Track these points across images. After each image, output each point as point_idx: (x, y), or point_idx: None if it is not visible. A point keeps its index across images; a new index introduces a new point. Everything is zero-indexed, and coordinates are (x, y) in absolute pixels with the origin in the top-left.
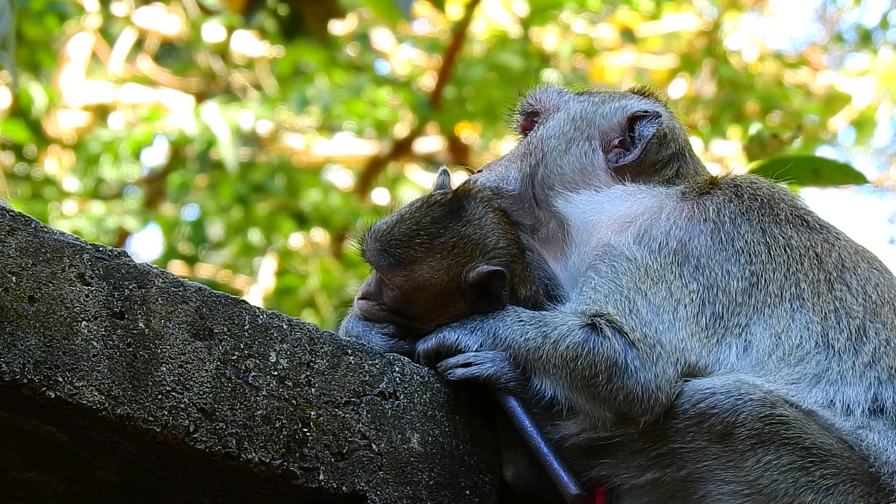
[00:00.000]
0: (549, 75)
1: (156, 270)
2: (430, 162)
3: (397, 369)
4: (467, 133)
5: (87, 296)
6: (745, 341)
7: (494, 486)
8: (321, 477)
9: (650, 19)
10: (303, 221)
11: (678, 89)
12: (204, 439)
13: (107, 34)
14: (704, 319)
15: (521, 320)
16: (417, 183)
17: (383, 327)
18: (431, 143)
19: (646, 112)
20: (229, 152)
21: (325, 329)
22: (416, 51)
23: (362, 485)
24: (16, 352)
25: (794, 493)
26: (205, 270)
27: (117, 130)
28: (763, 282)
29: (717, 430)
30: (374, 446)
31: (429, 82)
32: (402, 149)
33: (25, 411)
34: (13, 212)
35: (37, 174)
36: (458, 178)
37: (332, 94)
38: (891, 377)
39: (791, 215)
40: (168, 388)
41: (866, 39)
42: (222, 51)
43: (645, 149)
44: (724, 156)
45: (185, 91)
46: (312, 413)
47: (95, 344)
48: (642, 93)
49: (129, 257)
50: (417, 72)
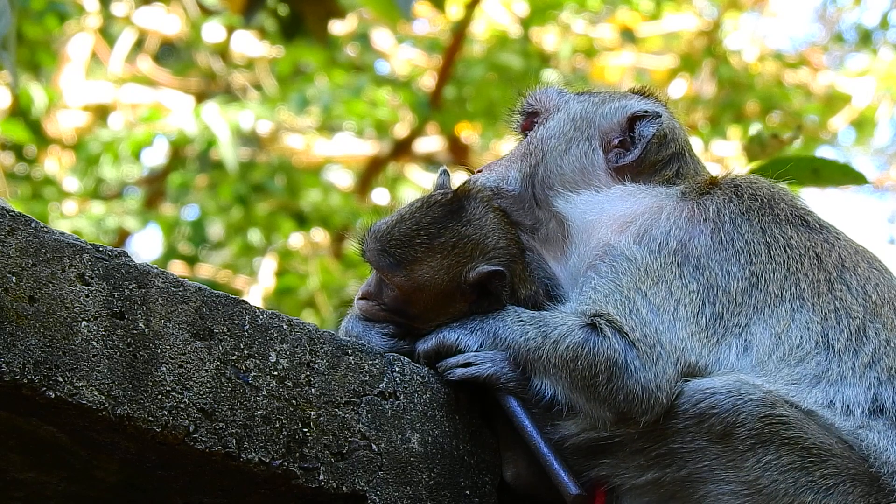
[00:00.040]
0: (549, 75)
1: (156, 270)
2: (430, 162)
3: (397, 369)
4: (467, 133)
5: (87, 296)
6: (745, 341)
7: (494, 486)
8: (321, 477)
9: (650, 19)
10: (303, 221)
11: (678, 89)
12: (204, 439)
13: (107, 34)
14: (704, 319)
15: (521, 320)
16: (417, 183)
17: (383, 327)
18: (431, 143)
19: (646, 112)
20: (229, 152)
21: (325, 329)
22: (416, 51)
23: (362, 485)
24: (16, 352)
25: (794, 493)
26: (205, 270)
27: (117, 130)
28: (763, 282)
29: (717, 430)
30: (374, 446)
31: (429, 82)
32: (402, 149)
33: (25, 411)
34: (13, 212)
35: (37, 174)
36: (458, 178)
37: (332, 94)
38: (891, 377)
39: (791, 215)
40: (168, 388)
41: (866, 39)
42: (222, 51)
43: (645, 149)
44: (724, 156)
45: (185, 91)
46: (312, 413)
47: (95, 344)
48: (642, 93)
49: (129, 257)
50: (417, 72)
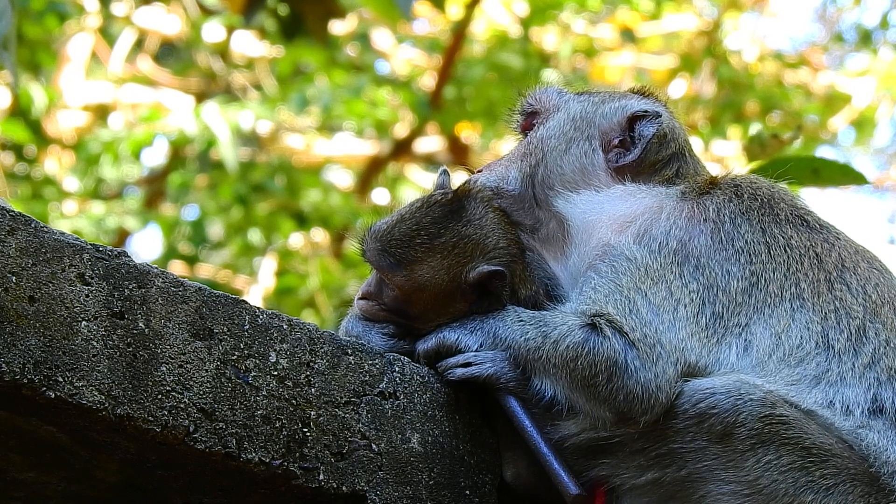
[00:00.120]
0: (549, 75)
1: (156, 270)
2: (430, 162)
3: (397, 369)
4: (467, 133)
5: (87, 296)
6: (745, 341)
7: (494, 486)
8: (321, 477)
9: (650, 19)
10: (303, 221)
11: (678, 89)
12: (204, 439)
13: (107, 34)
14: (704, 319)
15: (521, 320)
16: (417, 183)
17: (383, 327)
18: (431, 143)
19: (646, 112)
20: (229, 152)
21: (325, 329)
22: (416, 51)
23: (362, 485)
24: (16, 352)
25: (794, 493)
26: (205, 270)
27: (117, 130)
28: (763, 281)
29: (717, 430)
30: (374, 446)
31: (429, 82)
32: (402, 149)
33: (25, 411)
34: (13, 212)
35: (37, 174)
36: (458, 178)
37: (332, 94)
38: (890, 378)
39: (791, 215)
40: (168, 388)
41: (866, 39)
42: (222, 51)
43: (645, 149)
44: (724, 156)
45: (185, 91)
46: (312, 413)
47: (95, 344)
48: (642, 93)
49: (129, 257)
50: (417, 72)
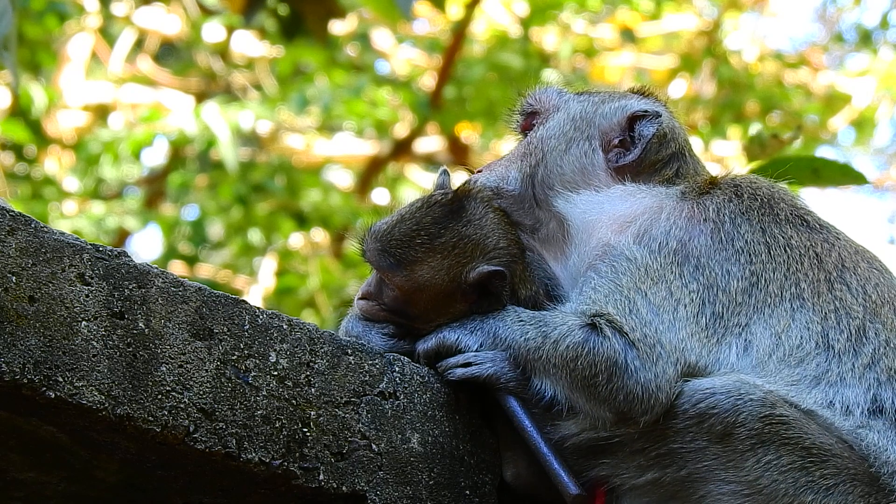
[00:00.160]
0: (549, 75)
1: (156, 270)
2: (430, 162)
3: (397, 369)
4: (467, 133)
5: (87, 296)
6: (746, 341)
7: (494, 486)
8: (321, 477)
9: (650, 19)
10: (303, 221)
11: (678, 89)
12: (204, 439)
13: (107, 34)
14: (704, 319)
15: (521, 320)
16: (417, 183)
17: (383, 327)
18: (431, 143)
19: (646, 112)
20: (229, 152)
21: (325, 329)
22: (416, 51)
23: (362, 485)
24: (16, 352)
25: (794, 493)
26: (205, 270)
27: (117, 130)
28: (763, 281)
29: (717, 430)
30: (374, 446)
31: (429, 82)
32: (402, 149)
33: (25, 411)
34: (13, 212)
35: (37, 174)
36: (458, 178)
37: (332, 94)
38: (890, 378)
39: (791, 215)
40: (168, 388)
41: (866, 39)
42: (222, 51)
43: (645, 148)
44: (724, 156)
45: (185, 91)
46: (312, 413)
47: (95, 344)
48: (642, 92)
49: (129, 257)
50: (417, 72)
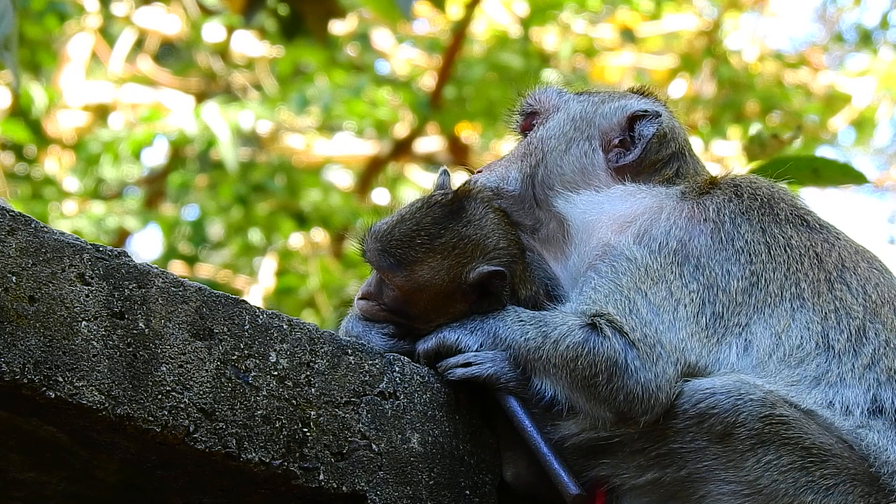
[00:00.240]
0: (549, 75)
1: (156, 270)
2: (430, 162)
3: (397, 369)
4: (467, 133)
5: (87, 296)
6: (746, 341)
7: (494, 486)
8: (321, 477)
9: (650, 19)
10: (303, 221)
11: (678, 89)
12: (204, 439)
13: (107, 34)
14: (704, 319)
15: (522, 320)
16: (417, 183)
17: (383, 327)
18: (431, 143)
19: (646, 112)
20: (229, 152)
21: (325, 329)
22: (416, 51)
23: (362, 485)
24: (16, 352)
25: (794, 494)
26: (205, 270)
27: (117, 130)
28: (763, 281)
29: (717, 430)
30: (374, 446)
31: (429, 82)
32: (402, 149)
33: (25, 411)
34: (13, 212)
35: (37, 174)
36: (458, 178)
37: (332, 94)
38: (890, 378)
39: (791, 215)
40: (168, 388)
41: (866, 39)
42: (222, 51)
43: (645, 148)
44: (724, 156)
45: (185, 91)
46: (312, 413)
47: (95, 344)
48: (642, 92)
49: (129, 257)
50: (417, 72)
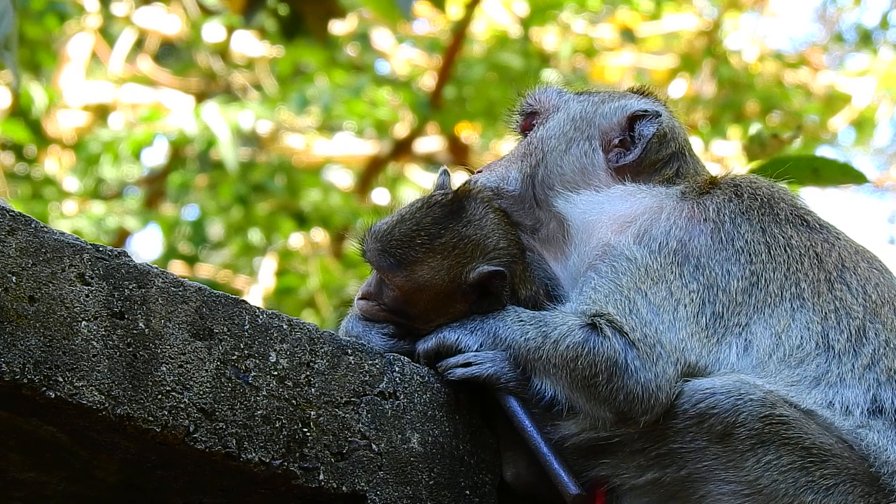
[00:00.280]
0: (549, 75)
1: (156, 270)
2: (430, 162)
3: (397, 369)
4: (467, 133)
5: (87, 296)
6: (746, 341)
7: (494, 486)
8: (321, 477)
9: (650, 19)
10: (303, 221)
11: (678, 89)
12: (204, 439)
13: (107, 34)
14: (704, 319)
15: (522, 320)
16: (417, 183)
17: (383, 327)
18: (431, 143)
19: (646, 111)
20: (229, 152)
21: (325, 329)
22: (416, 51)
23: (362, 485)
24: (16, 352)
25: (794, 494)
26: (205, 270)
27: (117, 130)
28: (763, 281)
29: (717, 430)
30: (374, 446)
31: (429, 82)
32: (402, 149)
33: (25, 411)
34: (13, 212)
35: (37, 174)
36: (458, 178)
37: (332, 94)
38: (890, 379)
39: (791, 215)
40: (168, 388)
41: (866, 39)
42: (222, 51)
43: (645, 148)
44: (724, 156)
45: (185, 91)
46: (312, 413)
47: (95, 344)
48: (642, 92)
49: (129, 257)
50: (417, 72)
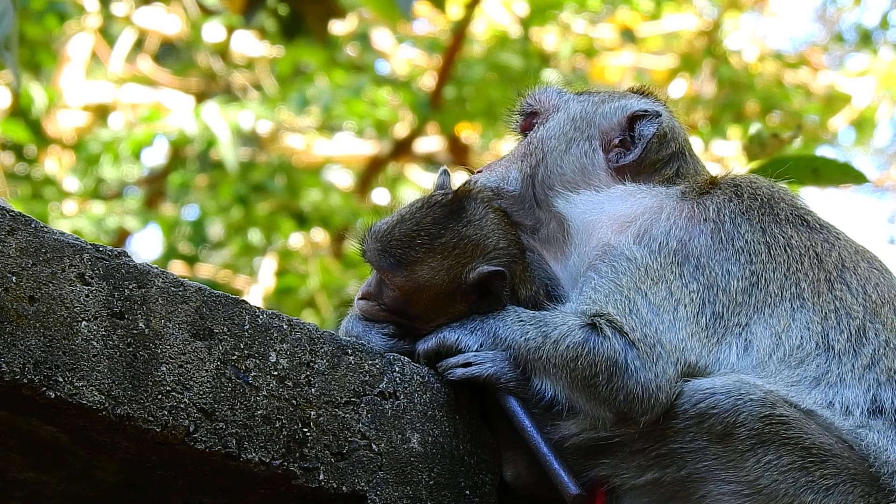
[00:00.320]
0: (549, 75)
1: (156, 270)
2: (430, 162)
3: (397, 369)
4: (467, 133)
5: (87, 296)
6: (746, 341)
7: (494, 486)
8: (321, 477)
9: (650, 19)
10: (303, 221)
11: (678, 89)
12: (204, 439)
13: (107, 34)
14: (704, 319)
15: (522, 320)
16: (417, 183)
17: (383, 327)
18: (431, 143)
19: (646, 111)
20: (229, 152)
21: (325, 329)
22: (416, 51)
23: (362, 485)
24: (16, 352)
25: (794, 494)
26: (205, 270)
27: (117, 130)
28: (763, 281)
29: (717, 430)
30: (374, 446)
31: (429, 82)
32: (402, 149)
33: (25, 411)
34: (13, 212)
35: (37, 174)
36: (458, 178)
37: (332, 94)
38: (890, 379)
39: (791, 215)
40: (168, 388)
41: (866, 39)
42: (222, 51)
43: (645, 148)
44: (724, 156)
45: (185, 91)
46: (312, 413)
47: (95, 344)
48: (642, 92)
49: (129, 257)
50: (417, 72)
